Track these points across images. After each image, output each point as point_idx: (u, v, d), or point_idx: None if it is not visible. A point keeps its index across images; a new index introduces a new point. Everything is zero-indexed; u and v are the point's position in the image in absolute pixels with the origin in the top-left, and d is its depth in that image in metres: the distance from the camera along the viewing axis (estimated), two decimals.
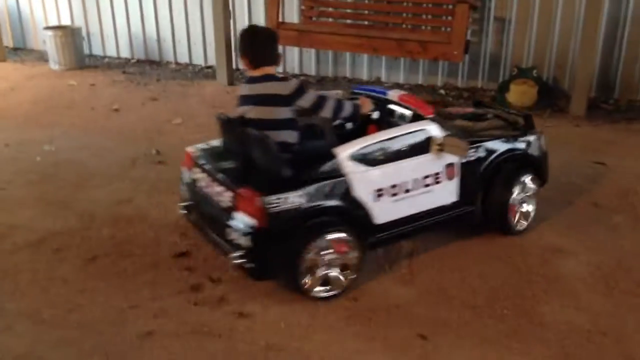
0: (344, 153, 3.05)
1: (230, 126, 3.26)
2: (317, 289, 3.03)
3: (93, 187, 4.40)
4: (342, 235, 3.00)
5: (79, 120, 5.97)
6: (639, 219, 3.96)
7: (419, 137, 3.24)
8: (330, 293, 3.06)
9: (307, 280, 2.99)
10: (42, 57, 8.60)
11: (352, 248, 3.05)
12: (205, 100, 6.73)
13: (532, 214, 3.75)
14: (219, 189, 3.08)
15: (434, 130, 3.28)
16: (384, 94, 3.67)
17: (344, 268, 3.06)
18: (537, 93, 6.28)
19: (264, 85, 3.17)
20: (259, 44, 3.23)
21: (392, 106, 3.60)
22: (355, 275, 3.11)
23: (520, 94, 6.24)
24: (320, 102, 3.21)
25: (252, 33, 3.28)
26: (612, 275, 3.31)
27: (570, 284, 3.22)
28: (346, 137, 3.35)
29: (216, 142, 3.52)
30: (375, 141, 3.14)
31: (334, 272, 3.04)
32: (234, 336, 2.80)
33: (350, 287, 3.11)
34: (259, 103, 3.17)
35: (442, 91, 6.97)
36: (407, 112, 3.47)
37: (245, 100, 3.27)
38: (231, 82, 7.33)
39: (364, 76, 7.52)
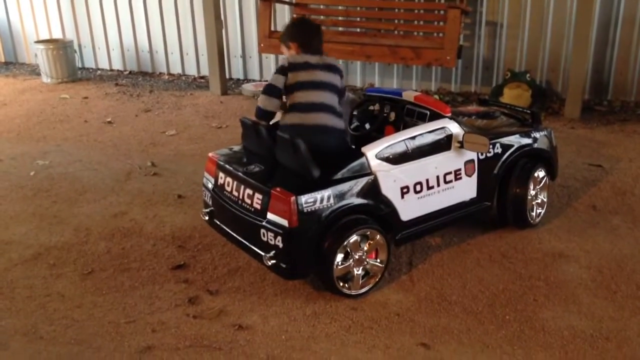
0: (371, 152, 3.12)
1: (255, 130, 3.27)
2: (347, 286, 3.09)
3: (88, 201, 4.36)
4: (371, 233, 3.07)
5: (73, 133, 5.93)
6: (637, 220, 3.96)
7: (439, 135, 3.34)
8: (351, 292, 3.10)
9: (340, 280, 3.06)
10: (34, 70, 8.57)
11: (380, 251, 3.13)
12: (199, 110, 6.71)
13: (546, 202, 3.91)
14: (248, 191, 3.09)
15: (454, 127, 3.38)
16: (400, 95, 3.74)
17: (366, 273, 3.14)
18: (531, 96, 6.29)
19: (328, 74, 3.38)
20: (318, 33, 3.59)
21: (408, 107, 3.69)
22: (376, 282, 3.17)
23: (514, 98, 6.25)
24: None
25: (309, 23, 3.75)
26: (614, 278, 3.29)
27: (571, 289, 3.20)
28: (365, 137, 3.52)
29: (237, 147, 3.57)
30: (399, 140, 3.22)
31: (359, 272, 3.10)
32: (235, 349, 2.76)
33: (372, 288, 3.16)
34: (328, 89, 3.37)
35: (436, 96, 6.98)
36: (424, 112, 3.57)
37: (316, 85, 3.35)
38: (224, 92, 7.31)
39: (358, 83, 7.52)
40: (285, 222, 2.89)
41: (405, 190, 3.21)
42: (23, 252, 3.64)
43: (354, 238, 3.01)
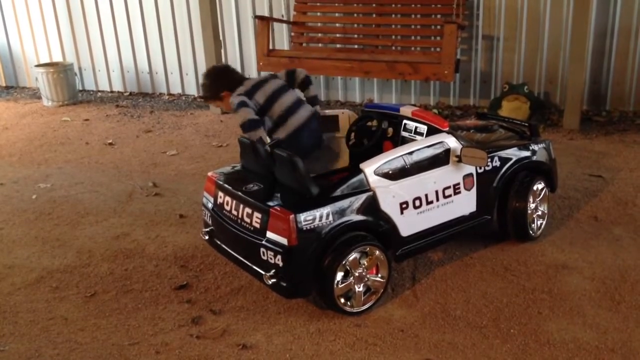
0: (369, 168, 3.13)
1: (253, 148, 3.29)
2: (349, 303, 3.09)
3: (90, 223, 4.37)
4: (371, 249, 3.07)
5: (74, 156, 5.96)
6: (639, 231, 3.95)
7: (437, 150, 3.34)
8: (353, 309, 3.10)
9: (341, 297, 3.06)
10: (35, 94, 8.63)
11: (380, 266, 3.13)
12: (199, 130, 6.74)
13: (547, 214, 3.92)
14: (247, 210, 3.10)
15: (451, 142, 3.38)
16: (397, 110, 3.75)
17: (368, 289, 3.14)
18: (530, 108, 6.31)
19: (274, 81, 3.87)
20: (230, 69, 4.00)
21: (406, 122, 3.70)
22: (378, 297, 3.17)
23: (512, 110, 6.27)
24: None
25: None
26: (618, 289, 3.28)
27: (575, 300, 3.19)
28: (363, 153, 3.53)
29: (236, 166, 3.59)
30: (397, 155, 3.22)
31: (360, 289, 3.09)
32: None
33: (370, 308, 3.15)
34: None
35: (435, 110, 7.00)
36: (422, 127, 3.57)
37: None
38: (225, 111, 7.35)
39: (357, 99, 7.55)
40: (284, 241, 2.89)
41: (404, 205, 3.21)
42: (26, 276, 3.64)
43: (353, 256, 3.00)
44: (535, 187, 3.73)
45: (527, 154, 3.74)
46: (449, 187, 3.37)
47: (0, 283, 3.57)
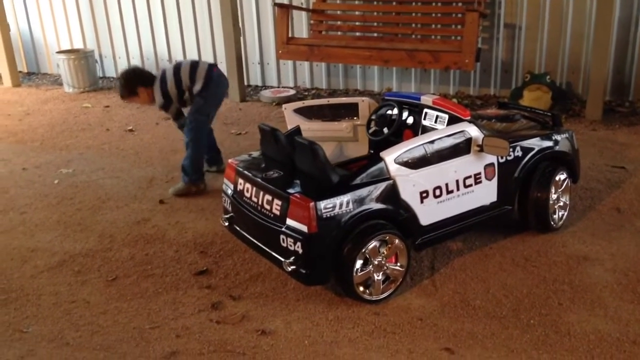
0: (390, 157, 3.12)
1: (274, 136, 3.29)
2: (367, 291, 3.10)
3: (111, 208, 4.42)
4: (390, 238, 3.06)
5: (95, 142, 6.01)
6: None
7: (459, 139, 3.32)
8: (372, 297, 3.11)
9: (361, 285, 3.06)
10: (56, 80, 8.70)
11: (400, 255, 3.13)
12: (218, 117, 6.72)
13: (569, 205, 3.86)
14: (267, 197, 3.11)
15: (473, 131, 3.36)
16: (418, 99, 3.73)
17: (387, 278, 3.14)
18: (551, 98, 6.23)
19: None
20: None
21: (426, 111, 3.67)
22: (396, 286, 3.17)
23: (533, 100, 6.20)
24: None
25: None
26: None
27: (597, 292, 3.17)
28: (384, 142, 3.51)
29: (256, 153, 3.59)
30: (418, 144, 3.21)
31: (379, 277, 3.09)
32: (258, 354, 2.78)
33: (389, 297, 3.15)
34: None
35: (455, 100, 6.95)
36: (443, 116, 3.55)
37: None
38: (243, 99, 7.36)
39: (375, 88, 7.52)
40: (304, 228, 2.90)
41: (424, 194, 3.20)
42: (48, 260, 3.69)
43: (372, 244, 3.00)
44: (557, 178, 3.69)
45: (549, 144, 3.71)
46: (469, 177, 3.35)
47: (23, 266, 3.63)
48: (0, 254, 3.77)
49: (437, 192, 3.25)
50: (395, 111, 3.74)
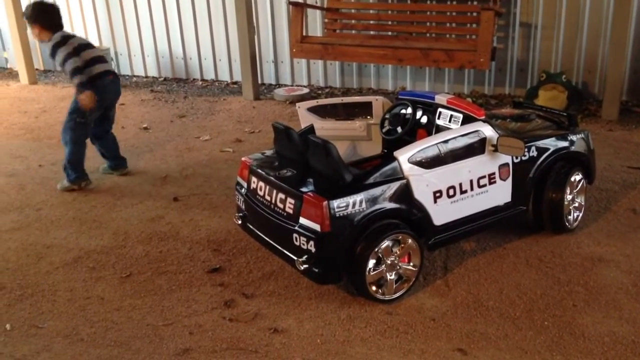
0: (403, 156, 3.11)
1: (287, 134, 3.30)
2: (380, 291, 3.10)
3: (125, 206, 4.45)
4: (403, 237, 3.06)
5: None
6: None
7: (473, 139, 3.30)
8: (385, 297, 3.10)
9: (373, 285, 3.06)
10: None
11: (413, 255, 3.12)
12: (232, 115, 6.78)
13: (584, 206, 3.83)
14: (280, 196, 3.12)
15: (487, 131, 3.34)
16: (432, 98, 3.71)
17: (399, 277, 3.13)
18: (567, 98, 6.18)
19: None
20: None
21: (440, 110, 3.66)
22: (409, 286, 3.16)
23: (549, 100, 6.15)
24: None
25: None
26: None
27: (612, 294, 3.14)
28: (397, 141, 3.49)
29: (269, 152, 3.60)
30: (432, 144, 3.20)
31: (392, 276, 3.09)
32: (271, 352, 2.79)
33: (401, 296, 3.15)
34: None
35: (469, 99, 6.91)
36: (457, 115, 3.53)
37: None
38: (257, 97, 7.38)
39: (389, 87, 7.50)
40: (317, 227, 2.90)
41: (438, 194, 3.19)
42: (64, 256, 3.73)
43: (385, 244, 3.00)
44: (572, 179, 3.66)
45: (565, 144, 3.68)
46: (484, 177, 3.33)
47: (39, 262, 3.67)
48: (17, 250, 3.82)
49: (451, 192, 3.23)
50: (409, 110, 3.73)
